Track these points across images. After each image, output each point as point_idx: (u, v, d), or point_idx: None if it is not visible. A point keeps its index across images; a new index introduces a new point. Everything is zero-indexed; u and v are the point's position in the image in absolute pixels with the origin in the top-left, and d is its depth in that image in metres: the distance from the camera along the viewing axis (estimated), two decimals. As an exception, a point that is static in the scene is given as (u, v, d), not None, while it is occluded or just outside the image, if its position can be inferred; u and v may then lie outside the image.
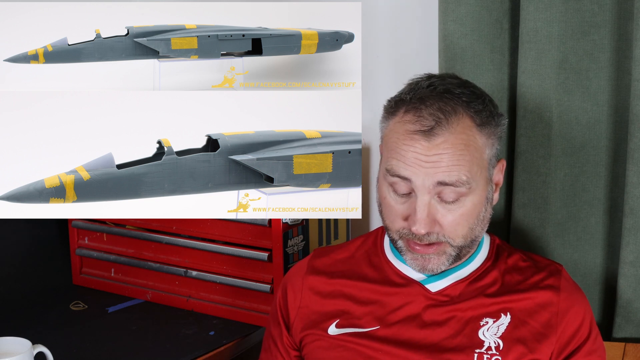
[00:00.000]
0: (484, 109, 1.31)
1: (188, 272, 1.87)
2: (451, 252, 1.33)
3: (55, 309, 1.90)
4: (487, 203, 1.33)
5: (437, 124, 1.27)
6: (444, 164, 1.27)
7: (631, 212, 1.54)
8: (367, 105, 1.87)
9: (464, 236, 1.32)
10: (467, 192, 1.29)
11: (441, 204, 1.29)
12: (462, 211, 1.29)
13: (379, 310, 1.38)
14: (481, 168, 1.30)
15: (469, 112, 1.29)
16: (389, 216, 1.33)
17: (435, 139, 1.27)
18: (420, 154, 1.27)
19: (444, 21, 1.64)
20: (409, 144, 1.28)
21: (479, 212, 1.32)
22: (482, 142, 1.30)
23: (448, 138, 1.27)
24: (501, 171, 1.37)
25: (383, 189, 1.33)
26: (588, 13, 1.57)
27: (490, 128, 1.31)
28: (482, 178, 1.31)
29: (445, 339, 1.34)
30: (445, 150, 1.27)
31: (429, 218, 1.28)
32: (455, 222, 1.30)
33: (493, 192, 1.35)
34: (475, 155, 1.29)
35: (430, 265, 1.33)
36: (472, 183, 1.29)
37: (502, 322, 1.34)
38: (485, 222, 1.35)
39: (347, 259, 1.45)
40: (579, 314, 1.36)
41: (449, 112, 1.28)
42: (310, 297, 1.42)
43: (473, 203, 1.30)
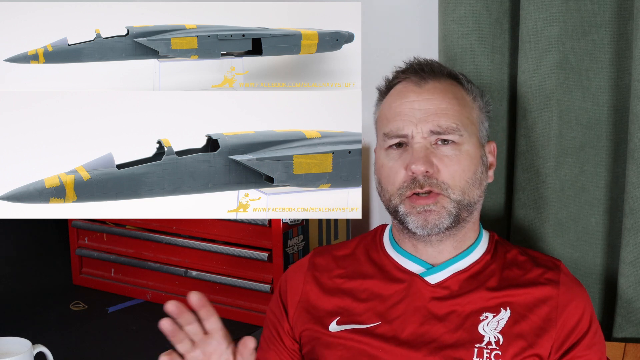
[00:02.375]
0: (467, 80, 1.43)
1: (188, 272, 1.87)
2: (450, 209, 1.34)
3: (55, 309, 1.90)
4: (482, 165, 1.39)
5: (427, 74, 1.39)
6: (434, 110, 1.35)
7: (631, 212, 1.54)
8: (367, 105, 1.87)
9: (461, 189, 1.35)
10: (460, 141, 1.35)
11: (438, 149, 1.35)
12: (457, 158, 1.35)
13: (379, 306, 1.38)
14: (471, 123, 1.38)
15: (454, 75, 1.42)
16: (390, 177, 1.37)
17: (425, 84, 1.38)
18: (412, 101, 1.37)
19: (444, 21, 1.64)
20: (402, 97, 1.38)
21: (475, 167, 1.37)
22: (469, 100, 1.40)
23: (437, 85, 1.38)
24: (492, 153, 1.44)
25: (381, 158, 1.39)
26: (588, 13, 1.57)
27: (474, 93, 1.41)
28: (474, 136, 1.38)
29: (445, 333, 1.34)
30: (435, 95, 1.36)
31: (427, 158, 1.33)
32: (452, 168, 1.34)
33: (487, 161, 1.41)
34: (465, 109, 1.38)
35: (432, 217, 1.34)
36: (464, 132, 1.36)
37: (502, 317, 1.35)
38: (481, 186, 1.38)
39: (347, 256, 1.46)
40: (579, 308, 1.36)
41: (437, 68, 1.41)
42: (312, 293, 1.43)
43: (468, 153, 1.36)
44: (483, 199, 1.41)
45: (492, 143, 1.44)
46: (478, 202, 1.39)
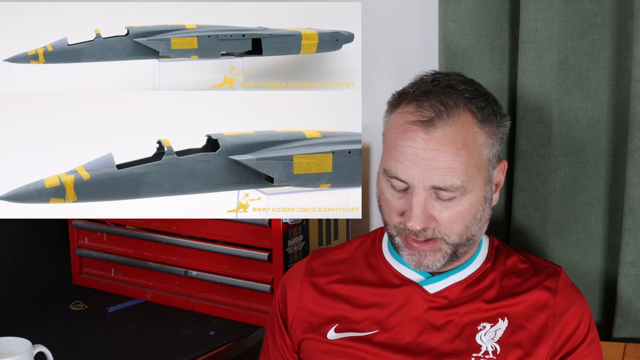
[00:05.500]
0: (486, 106, 1.31)
1: (188, 272, 1.87)
2: (447, 250, 1.32)
3: (55, 309, 1.90)
4: (485, 203, 1.33)
5: (437, 115, 1.27)
6: (439, 165, 1.26)
7: (631, 212, 1.54)
8: (367, 105, 1.87)
9: (459, 234, 1.31)
10: (464, 192, 1.29)
11: (437, 201, 1.29)
12: (458, 209, 1.29)
13: (377, 314, 1.38)
14: (479, 168, 1.30)
15: (471, 108, 1.29)
16: (387, 211, 1.34)
17: (434, 131, 1.27)
18: (418, 149, 1.27)
19: (444, 21, 1.64)
20: (408, 137, 1.28)
21: (476, 211, 1.32)
22: (482, 140, 1.30)
23: (447, 132, 1.27)
24: (502, 172, 1.37)
25: (382, 184, 1.34)
26: (588, 13, 1.57)
27: (491, 127, 1.31)
28: (480, 178, 1.31)
29: (443, 343, 1.34)
30: (443, 147, 1.26)
31: (424, 215, 1.28)
32: (452, 220, 1.30)
33: (492, 192, 1.35)
34: (473, 155, 1.29)
35: (426, 261, 1.33)
36: (468, 185, 1.29)
37: (500, 327, 1.34)
38: (483, 222, 1.34)
39: (345, 260, 1.45)
40: (576, 316, 1.35)
41: (450, 106, 1.28)
42: (309, 299, 1.42)
43: (470, 202, 1.30)
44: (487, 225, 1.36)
45: (502, 162, 1.37)
46: (478, 234, 1.35)
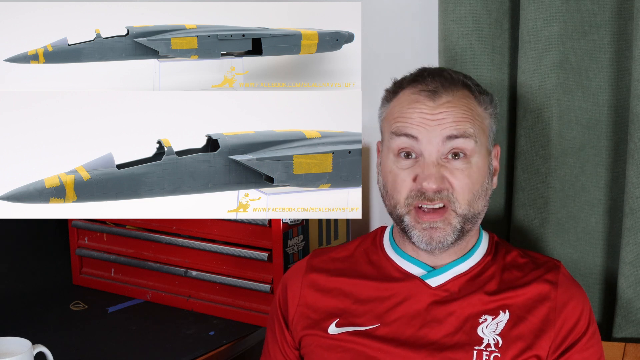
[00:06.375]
0: (478, 84, 1.40)
1: (188, 272, 1.87)
2: (456, 225, 1.34)
3: (55, 309, 1.90)
4: (489, 174, 1.38)
5: (440, 86, 1.35)
6: (449, 120, 1.33)
7: (631, 212, 1.54)
8: (367, 105, 1.87)
9: (468, 202, 1.34)
10: (472, 151, 1.33)
11: (449, 163, 1.33)
12: (468, 172, 1.33)
13: (378, 308, 1.38)
14: (483, 132, 1.37)
15: (467, 83, 1.38)
16: (397, 186, 1.35)
17: (439, 99, 1.34)
18: (426, 113, 1.33)
19: (444, 21, 1.64)
20: (414, 106, 1.34)
21: (483, 179, 1.35)
22: (481, 111, 1.37)
23: (451, 99, 1.34)
24: (496, 157, 1.42)
25: (388, 163, 1.37)
26: (588, 13, 1.57)
27: (485, 103, 1.38)
28: (484, 144, 1.36)
29: (444, 336, 1.34)
30: (450, 109, 1.33)
31: (439, 174, 1.32)
32: (463, 182, 1.33)
33: (493, 169, 1.40)
34: (477, 119, 1.36)
35: (437, 234, 1.34)
36: (477, 139, 1.34)
37: (501, 320, 1.35)
38: (486, 196, 1.37)
39: (346, 257, 1.46)
40: (577, 309, 1.36)
41: (449, 82, 1.36)
42: (310, 295, 1.43)
43: (477, 165, 1.34)
44: (487, 207, 1.40)
45: (497, 147, 1.43)
46: (482, 212, 1.38)
